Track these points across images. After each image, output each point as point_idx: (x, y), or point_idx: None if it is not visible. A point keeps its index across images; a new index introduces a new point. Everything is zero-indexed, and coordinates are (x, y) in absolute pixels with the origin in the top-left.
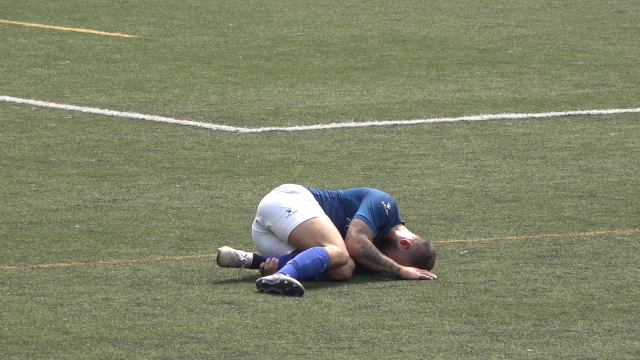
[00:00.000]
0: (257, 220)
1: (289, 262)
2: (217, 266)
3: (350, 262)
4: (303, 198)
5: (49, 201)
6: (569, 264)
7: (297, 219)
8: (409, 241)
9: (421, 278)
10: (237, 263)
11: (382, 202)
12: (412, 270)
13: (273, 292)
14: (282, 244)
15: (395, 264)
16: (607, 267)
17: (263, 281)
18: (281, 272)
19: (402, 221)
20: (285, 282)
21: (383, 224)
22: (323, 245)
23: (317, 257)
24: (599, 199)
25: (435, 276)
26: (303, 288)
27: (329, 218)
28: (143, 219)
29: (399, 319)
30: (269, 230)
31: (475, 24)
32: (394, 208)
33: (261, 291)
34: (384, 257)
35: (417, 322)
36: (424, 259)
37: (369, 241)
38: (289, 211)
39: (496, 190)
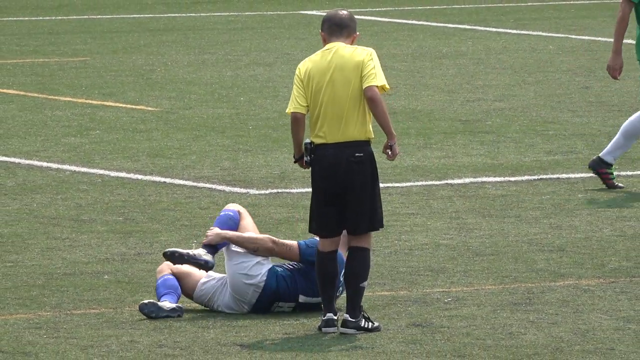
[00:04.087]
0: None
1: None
2: (226, 310)
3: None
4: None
5: (81, 255)
6: (541, 311)
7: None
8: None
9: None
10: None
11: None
12: None
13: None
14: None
15: None
16: (575, 313)
17: (177, 254)
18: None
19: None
20: (194, 255)
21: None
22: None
23: (226, 213)
24: (568, 252)
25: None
26: (212, 261)
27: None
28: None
29: (391, 359)
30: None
31: (458, 98)
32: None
33: (173, 261)
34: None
35: None
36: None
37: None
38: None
39: (477, 245)
